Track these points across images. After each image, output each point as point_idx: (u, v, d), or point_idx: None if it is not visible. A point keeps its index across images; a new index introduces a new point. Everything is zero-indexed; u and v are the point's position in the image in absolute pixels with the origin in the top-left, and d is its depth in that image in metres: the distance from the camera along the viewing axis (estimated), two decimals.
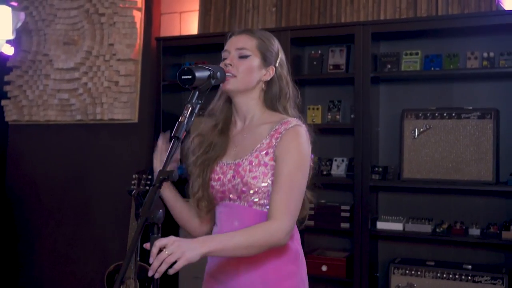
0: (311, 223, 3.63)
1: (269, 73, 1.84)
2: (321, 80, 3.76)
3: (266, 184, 1.75)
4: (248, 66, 1.80)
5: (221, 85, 1.81)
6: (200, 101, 1.65)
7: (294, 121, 1.80)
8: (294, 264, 1.82)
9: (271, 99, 1.85)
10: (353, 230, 3.47)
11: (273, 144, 1.77)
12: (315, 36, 3.60)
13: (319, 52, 3.73)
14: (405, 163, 3.40)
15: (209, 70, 1.69)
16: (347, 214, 3.55)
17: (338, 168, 3.71)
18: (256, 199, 1.77)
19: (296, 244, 1.85)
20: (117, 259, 3.62)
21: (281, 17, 3.83)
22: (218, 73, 1.71)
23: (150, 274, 1.45)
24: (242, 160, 1.79)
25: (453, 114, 3.31)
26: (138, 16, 4.15)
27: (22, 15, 4.28)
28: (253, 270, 1.77)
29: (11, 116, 4.57)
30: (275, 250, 1.75)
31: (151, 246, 1.47)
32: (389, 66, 3.53)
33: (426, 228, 3.37)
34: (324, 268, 3.58)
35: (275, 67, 1.85)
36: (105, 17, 4.19)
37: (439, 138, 3.33)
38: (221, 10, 4.00)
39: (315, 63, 3.73)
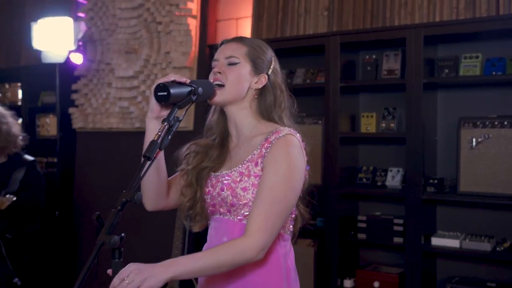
0: (363, 236, 3.48)
1: (261, 81, 1.75)
2: (375, 86, 3.58)
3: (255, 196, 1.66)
4: (237, 74, 1.72)
5: (208, 100, 1.74)
6: (179, 119, 1.58)
7: (285, 130, 1.69)
8: (284, 281, 1.73)
9: (266, 108, 1.76)
10: (406, 245, 3.27)
11: (263, 154, 1.68)
12: (365, 40, 3.43)
13: (374, 56, 3.55)
14: (462, 175, 3.15)
15: (190, 86, 1.62)
16: (401, 228, 3.35)
17: (393, 179, 3.52)
18: (246, 213, 1.68)
19: (289, 262, 1.76)
20: None
21: (333, 21, 3.69)
22: (200, 89, 1.63)
23: None
24: (231, 172, 1.71)
25: None
26: (193, 24, 4.15)
27: (82, 26, 4.42)
28: (240, 285, 1.70)
29: (77, 123, 4.73)
30: (262, 266, 1.68)
31: (113, 271, 1.43)
32: (446, 70, 3.29)
33: (486, 246, 3.10)
34: (376, 284, 3.41)
35: (268, 75, 1.76)
36: (162, 25, 4.23)
37: (499, 149, 3.06)
38: (273, 16, 3.92)
39: (369, 68, 3.56)
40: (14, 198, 3.21)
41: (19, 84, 5.10)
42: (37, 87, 5.02)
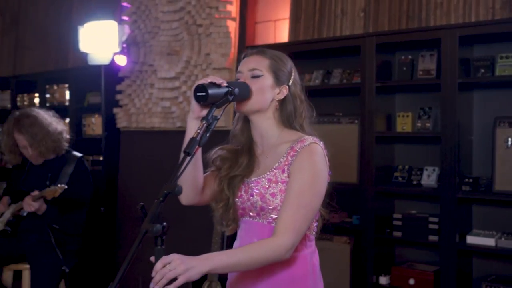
0: (399, 234, 3.52)
1: (282, 92, 1.86)
2: (411, 86, 3.62)
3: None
4: (260, 86, 1.83)
5: (235, 105, 1.84)
6: (217, 117, 1.69)
7: (310, 139, 1.81)
8: (310, 279, 1.85)
9: (287, 117, 1.87)
10: (440, 243, 3.31)
11: (289, 162, 1.80)
12: (401, 41, 3.48)
13: (409, 57, 3.59)
14: (497, 174, 3.17)
15: (227, 87, 1.73)
16: (436, 227, 3.38)
17: (429, 178, 3.56)
18: (275, 216, 1.80)
19: (314, 260, 1.89)
20: None
21: (369, 22, 3.74)
22: (237, 90, 1.74)
23: (151, 286, 1.52)
24: (260, 178, 1.83)
25: None
26: (233, 26, 4.26)
27: (126, 29, 4.59)
28: (268, 283, 1.81)
29: (121, 123, 4.90)
30: (290, 264, 1.79)
31: (156, 256, 1.54)
32: (482, 70, 3.31)
33: None
34: (411, 281, 3.44)
35: (288, 86, 1.86)
36: (202, 28, 4.36)
37: None
38: (311, 17, 4.00)
39: (404, 68, 3.60)
40: (66, 187, 3.41)
41: (66, 86, 5.30)
42: (83, 88, 5.21)
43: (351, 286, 3.61)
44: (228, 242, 3.74)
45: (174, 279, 1.53)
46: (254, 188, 1.83)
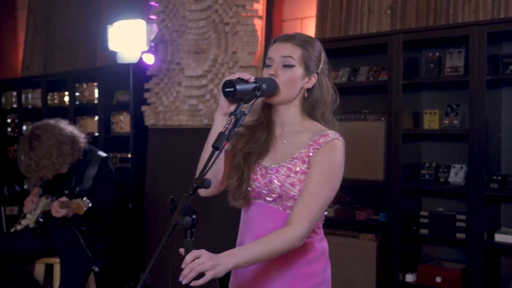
0: (426, 231, 3.51)
1: (311, 80, 1.88)
2: (438, 83, 3.61)
3: None
4: (291, 77, 1.85)
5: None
6: (245, 113, 1.72)
7: (333, 134, 1.84)
8: (320, 262, 1.91)
9: (312, 105, 1.89)
10: (468, 241, 3.29)
11: (310, 154, 1.83)
12: (428, 38, 3.47)
13: (437, 54, 3.57)
14: None
15: (254, 82, 1.75)
16: (463, 224, 3.37)
17: (456, 175, 3.54)
18: (291, 204, 1.85)
19: (324, 244, 1.95)
20: None
21: (396, 20, 3.74)
22: (264, 85, 1.77)
23: (180, 279, 1.56)
24: (280, 166, 1.86)
25: None
26: (259, 24, 4.29)
27: (154, 27, 4.65)
28: (278, 273, 1.87)
29: (149, 120, 4.96)
30: (303, 251, 1.85)
31: (185, 249, 1.57)
32: (511, 67, 3.29)
33: None
34: (438, 279, 3.43)
35: (317, 73, 1.87)
36: (229, 26, 4.40)
37: None
38: (337, 15, 4.01)
39: (432, 65, 3.58)
40: (90, 204, 3.35)
41: (95, 84, 5.37)
42: (112, 86, 5.28)
43: (377, 283, 3.61)
44: None
45: (202, 274, 1.57)
46: (273, 175, 1.86)
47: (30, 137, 3.58)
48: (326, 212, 1.96)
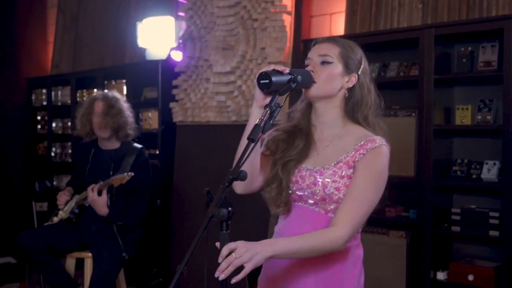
0: (457, 228, 3.46)
1: (352, 80, 1.86)
2: (471, 78, 3.55)
3: None
4: (329, 73, 1.83)
5: (303, 90, 1.85)
6: (280, 105, 1.71)
7: (379, 140, 1.83)
8: (356, 269, 1.87)
9: (352, 107, 1.87)
10: (502, 238, 3.24)
11: (356, 159, 1.80)
12: (461, 32, 3.41)
13: (469, 49, 3.52)
14: None
15: (289, 74, 1.74)
16: (496, 222, 3.31)
17: (489, 172, 3.48)
18: (333, 207, 1.82)
19: (360, 251, 1.91)
20: None
21: (427, 14, 3.69)
22: (299, 77, 1.75)
23: (216, 275, 1.54)
24: (324, 169, 1.84)
25: None
26: (288, 20, 4.27)
27: (183, 24, 4.66)
28: (313, 274, 1.83)
29: (177, 117, 4.98)
30: (341, 255, 1.82)
31: (220, 242, 1.56)
32: None
33: None
34: (470, 277, 3.38)
35: (358, 75, 1.85)
36: (258, 22, 4.39)
37: None
38: (367, 10, 3.97)
39: (464, 60, 3.53)
40: (132, 174, 3.49)
41: (124, 81, 5.41)
42: (140, 83, 5.31)
43: (407, 281, 3.56)
44: None
45: (242, 267, 1.55)
46: (317, 177, 1.84)
47: (108, 93, 3.94)
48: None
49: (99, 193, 3.55)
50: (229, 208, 1.54)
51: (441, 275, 3.50)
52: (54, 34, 6.58)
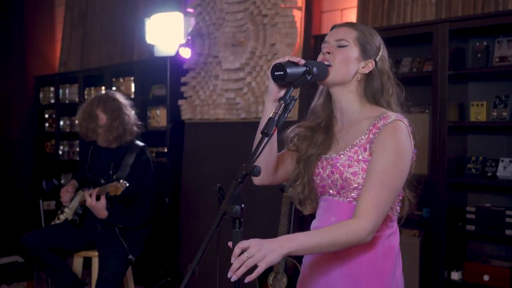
0: (472, 227, 3.39)
1: (368, 66, 1.79)
2: (486, 73, 3.47)
3: None
4: (345, 56, 1.77)
5: (317, 80, 1.79)
6: (295, 98, 1.65)
7: (393, 116, 1.73)
8: (389, 261, 1.77)
9: (373, 93, 1.80)
10: None
11: (371, 139, 1.72)
12: (476, 26, 3.33)
13: (484, 43, 3.44)
14: None
15: (305, 66, 1.68)
16: None
17: (505, 169, 3.40)
18: (355, 195, 1.74)
19: (395, 242, 1.81)
20: None
21: (441, 8, 3.61)
22: (315, 69, 1.69)
23: (229, 275, 1.48)
24: (339, 155, 1.77)
25: None
26: (298, 16, 4.21)
27: (192, 21, 4.60)
28: (345, 266, 1.75)
29: (186, 114, 4.93)
30: (369, 246, 1.72)
31: (233, 240, 1.50)
32: None
33: None
34: (486, 277, 3.31)
35: (375, 61, 1.79)
36: (268, 18, 4.32)
37: None
38: (379, 5, 3.90)
39: (479, 55, 3.45)
40: (127, 184, 3.41)
41: (132, 78, 5.36)
42: (149, 80, 5.27)
43: (420, 280, 3.49)
44: (296, 224, 3.68)
45: (256, 266, 1.49)
46: (334, 165, 1.77)
47: (108, 97, 3.79)
48: (400, 204, 1.81)
49: (98, 198, 3.49)
50: (242, 205, 1.48)
51: (455, 275, 3.42)
52: (62, 32, 6.55)
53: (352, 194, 1.75)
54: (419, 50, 3.75)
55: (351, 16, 4.11)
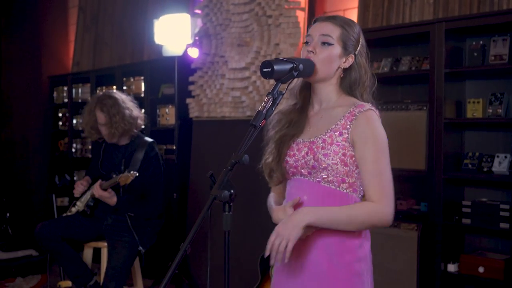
0: (468, 221, 3.48)
1: (348, 60, 1.92)
2: (482, 72, 3.56)
3: (335, 162, 1.86)
4: (328, 55, 1.88)
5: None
6: (282, 93, 1.77)
7: (367, 105, 1.89)
8: (357, 239, 1.91)
9: (350, 85, 1.94)
10: None
11: (347, 126, 1.86)
12: (472, 26, 3.43)
13: (480, 42, 3.54)
14: None
15: (291, 63, 1.80)
16: (507, 214, 3.33)
17: (500, 165, 3.49)
18: (325, 176, 1.88)
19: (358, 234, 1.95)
20: None
21: (438, 8, 3.71)
22: (301, 66, 1.81)
23: (271, 262, 1.76)
24: (316, 139, 1.90)
25: None
26: (302, 16, 4.33)
27: (199, 21, 4.74)
28: (319, 247, 1.89)
29: (193, 113, 5.06)
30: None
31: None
32: None
33: None
34: (481, 269, 3.40)
35: (355, 55, 1.90)
36: (272, 18, 4.45)
37: None
38: (379, 5, 4.01)
39: (475, 54, 3.55)
40: (137, 174, 3.57)
41: (142, 78, 5.51)
42: (158, 80, 5.41)
43: (418, 273, 3.59)
44: None
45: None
46: (308, 147, 1.90)
47: (104, 96, 3.91)
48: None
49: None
50: (232, 191, 1.61)
51: (452, 267, 3.52)
52: (75, 33, 6.72)
53: (322, 174, 1.88)
54: (418, 49, 3.85)
55: (353, 16, 4.22)
